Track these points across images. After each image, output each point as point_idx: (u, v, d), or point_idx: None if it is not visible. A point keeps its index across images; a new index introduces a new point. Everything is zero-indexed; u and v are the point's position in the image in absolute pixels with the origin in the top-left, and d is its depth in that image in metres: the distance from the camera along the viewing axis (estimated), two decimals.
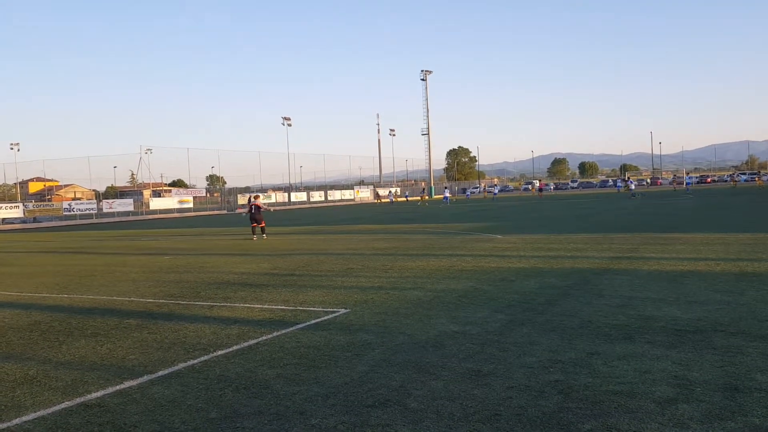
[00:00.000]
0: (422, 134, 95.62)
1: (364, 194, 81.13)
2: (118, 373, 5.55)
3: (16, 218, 47.01)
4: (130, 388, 5.12)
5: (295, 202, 70.14)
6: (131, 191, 78.70)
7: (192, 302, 9.09)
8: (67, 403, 4.80)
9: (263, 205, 23.31)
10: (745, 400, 4.30)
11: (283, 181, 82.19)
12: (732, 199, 37.67)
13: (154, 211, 54.22)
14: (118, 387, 5.14)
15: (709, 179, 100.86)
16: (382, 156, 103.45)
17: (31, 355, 6.38)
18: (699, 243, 14.04)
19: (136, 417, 4.45)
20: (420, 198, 71.26)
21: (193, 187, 73.60)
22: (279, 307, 8.39)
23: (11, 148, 68.77)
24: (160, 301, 9.37)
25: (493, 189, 79.92)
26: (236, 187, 71.11)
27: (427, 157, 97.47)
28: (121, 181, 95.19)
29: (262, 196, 51.03)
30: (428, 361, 5.51)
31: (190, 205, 59.04)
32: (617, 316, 6.93)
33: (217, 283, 10.93)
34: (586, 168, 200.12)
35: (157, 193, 65.48)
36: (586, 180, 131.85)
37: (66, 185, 75.63)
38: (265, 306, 8.52)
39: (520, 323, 6.80)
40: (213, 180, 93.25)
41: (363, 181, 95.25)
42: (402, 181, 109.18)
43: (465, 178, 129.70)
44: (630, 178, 73.14)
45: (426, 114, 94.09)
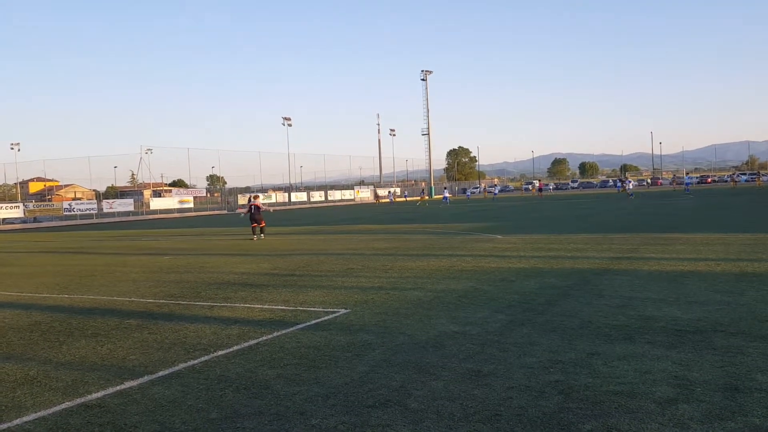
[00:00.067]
0: (422, 134, 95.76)
1: (365, 194, 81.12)
2: (119, 374, 5.55)
3: (16, 218, 47.03)
4: (130, 388, 5.12)
5: (295, 202, 70.15)
6: (131, 191, 78.67)
7: (192, 302, 9.10)
8: (67, 403, 4.81)
9: (263, 206, 23.32)
10: (745, 400, 4.30)
11: (283, 181, 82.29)
12: (732, 199, 37.68)
13: (155, 211, 54.23)
14: (118, 387, 5.14)
15: (709, 179, 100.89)
16: (382, 156, 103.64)
17: (31, 356, 6.39)
18: (699, 243, 14.05)
19: (137, 417, 4.45)
20: (419, 198, 71.13)
21: (193, 187, 73.62)
22: (279, 307, 8.40)
23: (11, 148, 68.81)
24: (161, 301, 9.38)
25: (494, 189, 79.99)
26: (236, 187, 71.15)
27: (427, 157, 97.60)
28: (122, 181, 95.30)
29: (262, 196, 51.04)
30: (428, 362, 5.51)
31: (191, 205, 59.04)
32: (617, 317, 6.93)
33: (218, 284, 10.93)
34: (587, 168, 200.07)
35: (157, 193, 65.52)
36: (587, 180, 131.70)
37: (66, 185, 75.58)
38: (266, 306, 8.52)
39: (520, 323, 6.80)
40: (213, 180, 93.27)
41: (363, 181, 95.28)
42: (402, 181, 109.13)
43: (465, 178, 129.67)
44: (628, 179, 72.70)
45: (426, 114, 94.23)
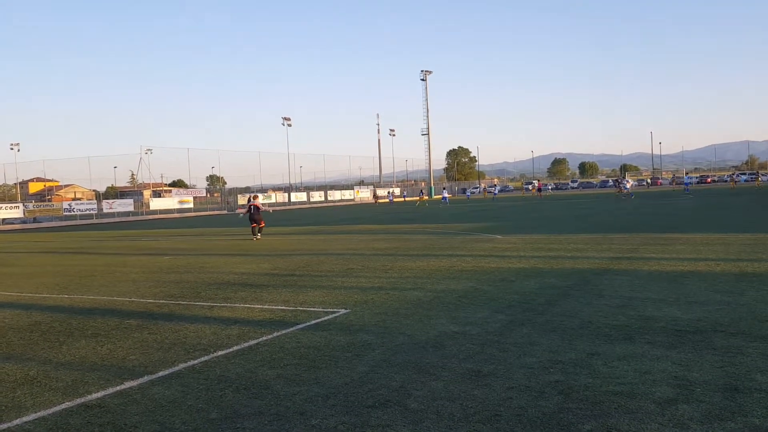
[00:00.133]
0: (422, 134, 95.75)
1: (364, 194, 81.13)
2: (119, 374, 5.55)
3: (16, 218, 47.01)
4: (130, 388, 5.12)
5: (295, 203, 70.15)
6: (131, 191, 78.66)
7: (192, 302, 9.10)
8: (67, 403, 4.81)
9: (262, 206, 23.33)
10: (745, 400, 4.30)
11: (283, 181, 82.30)
12: (732, 199, 37.68)
13: (155, 212, 54.22)
14: (118, 387, 5.14)
15: (709, 179, 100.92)
16: (382, 156, 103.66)
17: (31, 356, 6.39)
18: (699, 243, 14.05)
19: (137, 417, 4.45)
20: (418, 198, 71.04)
21: (193, 188, 73.62)
22: (279, 307, 8.40)
23: (11, 148, 68.71)
24: (161, 301, 9.38)
25: (493, 189, 79.99)
26: (236, 188, 71.20)
27: (427, 158, 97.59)
28: (122, 182, 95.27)
29: (261, 196, 51.04)
30: (428, 362, 5.51)
31: (191, 206, 59.03)
32: (617, 317, 6.93)
33: (218, 284, 10.93)
34: (586, 168, 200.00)
35: (157, 194, 65.47)
36: (586, 180, 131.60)
37: (66, 185, 75.57)
38: (266, 306, 8.52)
39: (520, 323, 6.80)
40: (213, 180, 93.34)
41: (363, 182, 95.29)
42: (402, 181, 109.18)
43: (465, 178, 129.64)
44: (626, 178, 72.16)
45: (426, 114, 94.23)
